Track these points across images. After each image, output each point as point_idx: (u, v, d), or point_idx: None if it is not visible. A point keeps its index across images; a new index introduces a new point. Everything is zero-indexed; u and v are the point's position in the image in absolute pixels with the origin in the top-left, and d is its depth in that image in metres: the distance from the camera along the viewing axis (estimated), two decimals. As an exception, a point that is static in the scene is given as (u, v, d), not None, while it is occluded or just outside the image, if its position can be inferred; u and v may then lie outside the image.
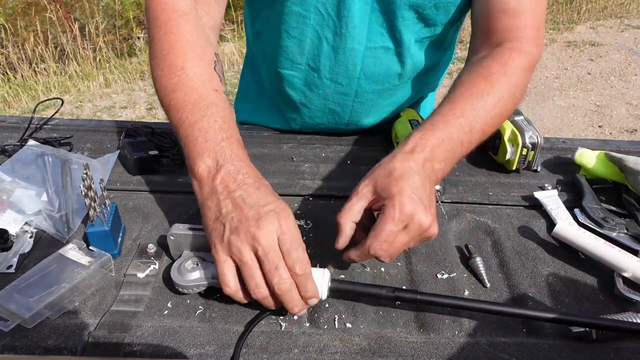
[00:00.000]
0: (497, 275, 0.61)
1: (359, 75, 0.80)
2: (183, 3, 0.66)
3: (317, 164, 0.83)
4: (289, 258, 0.50)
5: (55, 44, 3.87)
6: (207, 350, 0.51)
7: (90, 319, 0.54)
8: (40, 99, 3.25)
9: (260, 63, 0.90)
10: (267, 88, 0.92)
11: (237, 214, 0.51)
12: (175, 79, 0.61)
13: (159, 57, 0.63)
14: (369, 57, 0.78)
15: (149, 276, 0.59)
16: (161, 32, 0.64)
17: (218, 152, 0.55)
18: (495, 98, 0.64)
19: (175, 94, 0.60)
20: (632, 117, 3.13)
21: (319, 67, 0.80)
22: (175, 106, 0.60)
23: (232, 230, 0.50)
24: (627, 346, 0.52)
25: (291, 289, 0.50)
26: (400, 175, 0.55)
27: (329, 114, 0.86)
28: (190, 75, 0.61)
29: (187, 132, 0.58)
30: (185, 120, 0.58)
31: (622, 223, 0.67)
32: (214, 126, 0.57)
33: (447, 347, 0.52)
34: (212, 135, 0.57)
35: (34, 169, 0.74)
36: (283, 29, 0.77)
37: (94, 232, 0.59)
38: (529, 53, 0.70)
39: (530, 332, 0.54)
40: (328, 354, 0.51)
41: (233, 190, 0.53)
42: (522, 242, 0.66)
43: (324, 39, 0.77)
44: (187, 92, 0.60)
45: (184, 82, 0.61)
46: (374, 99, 0.84)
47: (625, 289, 0.57)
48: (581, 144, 0.87)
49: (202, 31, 0.67)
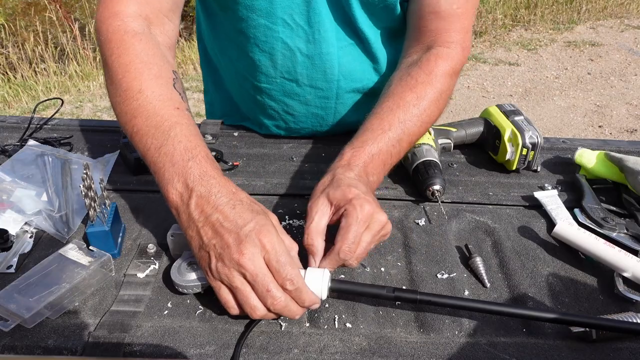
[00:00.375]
0: (497, 275, 0.61)
1: (337, 77, 0.80)
2: (135, 23, 0.64)
3: (317, 164, 0.83)
4: (278, 277, 0.50)
5: (55, 44, 3.87)
6: (207, 350, 0.51)
7: (90, 319, 0.54)
8: (40, 99, 3.25)
9: (230, 80, 0.88)
10: (240, 103, 0.91)
11: (217, 241, 0.50)
12: (135, 104, 0.59)
13: (115, 82, 0.61)
14: (343, 57, 0.78)
15: (149, 276, 0.60)
16: (114, 55, 0.62)
17: (187, 174, 0.54)
18: (421, 108, 0.69)
19: (136, 119, 0.59)
20: (632, 117, 3.13)
21: (296, 77, 0.80)
22: (139, 132, 0.58)
23: (217, 258, 0.50)
24: (627, 346, 0.52)
25: (287, 304, 0.50)
26: (349, 183, 0.59)
27: (312, 118, 0.86)
28: (149, 98, 0.59)
29: (154, 158, 0.57)
30: (151, 146, 0.57)
31: (622, 223, 0.67)
32: (178, 148, 0.56)
33: (447, 347, 0.52)
34: (178, 157, 0.55)
35: (34, 169, 0.74)
36: (252, 42, 0.76)
37: (94, 232, 0.59)
38: (454, 58, 0.73)
39: (530, 332, 0.54)
40: (328, 354, 0.51)
41: (209, 215, 0.52)
42: (522, 242, 0.66)
43: (297, 50, 0.76)
44: (148, 115, 0.58)
45: (143, 105, 0.59)
46: (355, 97, 0.84)
47: (625, 289, 0.57)
48: (581, 144, 0.87)
49: (157, 49, 0.64)
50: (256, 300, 0.50)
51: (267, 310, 0.51)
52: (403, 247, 0.66)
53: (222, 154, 0.82)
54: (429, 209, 0.72)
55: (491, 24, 4.53)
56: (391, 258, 0.64)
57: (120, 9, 0.64)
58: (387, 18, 0.77)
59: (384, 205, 0.73)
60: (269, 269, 0.50)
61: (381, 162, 0.65)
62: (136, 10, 0.65)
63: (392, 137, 0.66)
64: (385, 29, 0.80)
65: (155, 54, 0.63)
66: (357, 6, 0.74)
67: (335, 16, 0.75)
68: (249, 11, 0.72)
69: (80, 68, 3.69)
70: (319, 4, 0.72)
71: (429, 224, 0.70)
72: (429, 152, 0.76)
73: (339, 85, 0.81)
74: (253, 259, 0.49)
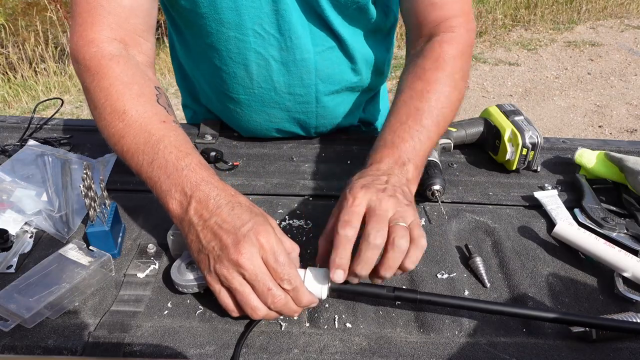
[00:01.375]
0: (497, 275, 0.61)
1: (315, 81, 0.79)
2: (111, 47, 0.65)
3: (317, 164, 0.83)
4: (276, 276, 0.50)
5: (55, 44, 3.87)
6: (207, 350, 0.51)
7: (90, 319, 0.54)
8: (40, 99, 3.25)
9: (208, 96, 0.87)
10: (221, 117, 0.91)
11: (216, 243, 0.51)
12: (121, 125, 0.60)
13: (98, 107, 0.62)
14: (321, 61, 0.77)
15: (149, 276, 0.60)
16: (95, 80, 0.62)
17: (183, 183, 0.55)
18: (436, 94, 0.67)
19: (124, 139, 0.59)
20: (632, 117, 3.13)
21: (273, 86, 0.78)
22: (129, 151, 0.59)
23: (216, 260, 0.50)
24: (627, 346, 0.52)
25: (287, 302, 0.51)
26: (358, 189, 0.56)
27: (295, 123, 0.85)
28: (134, 117, 0.60)
29: (148, 173, 0.57)
30: (143, 163, 0.57)
31: (622, 223, 0.67)
32: (170, 159, 0.56)
33: (447, 347, 0.52)
34: (171, 169, 0.56)
35: (34, 169, 0.74)
36: (225, 55, 0.75)
37: (94, 232, 0.59)
38: (460, 40, 0.72)
39: (530, 332, 0.54)
40: (328, 354, 0.51)
41: (208, 219, 0.52)
42: (522, 242, 0.66)
43: (271, 59, 0.75)
44: (135, 134, 0.59)
45: (129, 124, 0.59)
46: (335, 99, 0.84)
47: (625, 289, 0.57)
48: (581, 144, 0.87)
49: (137, 69, 0.65)
50: (256, 300, 0.50)
51: (267, 309, 0.51)
52: (403, 247, 0.65)
53: (222, 154, 0.82)
54: (429, 209, 0.72)
55: (491, 24, 4.53)
56: (391, 258, 0.64)
57: (94, 36, 0.64)
58: (361, 18, 0.77)
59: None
60: (267, 268, 0.50)
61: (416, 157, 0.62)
62: (110, 35, 0.65)
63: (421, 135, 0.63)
64: (362, 29, 0.80)
65: (135, 74, 0.64)
66: (330, 10, 0.73)
67: (310, 21, 0.74)
68: (218, 25, 0.72)
69: (80, 68, 3.68)
70: (289, 12, 0.71)
71: (429, 224, 0.70)
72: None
73: (317, 89, 0.80)
74: (252, 259, 0.49)
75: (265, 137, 0.88)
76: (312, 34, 0.75)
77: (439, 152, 0.80)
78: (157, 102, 0.63)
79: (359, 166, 0.82)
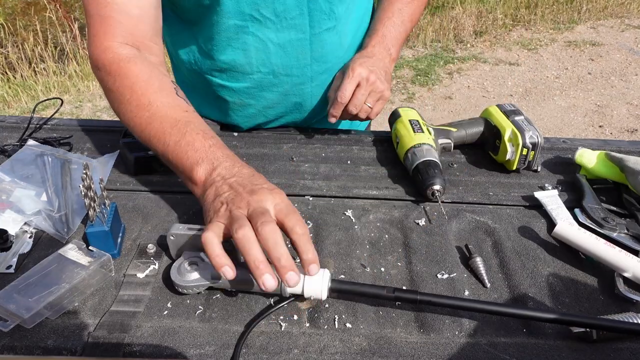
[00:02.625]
0: (497, 276, 0.61)
1: (310, 61, 0.84)
2: (126, 51, 0.69)
3: (317, 164, 0.83)
4: (288, 222, 0.52)
5: (54, 43, 3.87)
6: (206, 351, 0.51)
7: (90, 319, 0.54)
8: (40, 98, 3.24)
9: (204, 92, 0.89)
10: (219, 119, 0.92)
11: (232, 193, 0.55)
12: (147, 114, 0.65)
13: (123, 103, 0.67)
14: (316, 42, 0.82)
15: (148, 276, 0.59)
16: (117, 81, 0.67)
17: (210, 156, 0.60)
18: None
19: (151, 126, 0.64)
20: (633, 117, 3.13)
21: (272, 69, 0.83)
22: (156, 136, 0.64)
23: (229, 203, 0.54)
24: (628, 346, 0.52)
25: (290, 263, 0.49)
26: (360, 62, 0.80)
27: (291, 107, 0.89)
28: (159, 107, 0.65)
29: (175, 151, 0.61)
30: (170, 142, 0.62)
31: (622, 223, 0.67)
32: (198, 138, 0.62)
33: (447, 348, 0.51)
34: (199, 145, 0.61)
35: (33, 169, 0.74)
36: (225, 44, 0.80)
37: (94, 232, 0.59)
38: None
39: (531, 333, 0.54)
40: (328, 354, 0.51)
41: (229, 178, 0.58)
42: (522, 242, 0.66)
43: (268, 41, 0.79)
44: (162, 120, 0.64)
45: (155, 113, 0.64)
46: (327, 78, 0.88)
47: (626, 289, 0.57)
48: (581, 144, 0.87)
49: (153, 67, 0.70)
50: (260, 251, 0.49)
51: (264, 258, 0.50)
52: (403, 247, 0.66)
53: (222, 153, 0.82)
54: (429, 209, 0.72)
55: (491, 24, 4.53)
56: (391, 258, 0.64)
57: (109, 44, 0.69)
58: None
59: (384, 206, 0.73)
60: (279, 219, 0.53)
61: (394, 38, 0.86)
62: (122, 41, 0.70)
63: (396, 21, 0.87)
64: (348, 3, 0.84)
65: (152, 71, 0.69)
66: None
67: (309, 4, 0.78)
68: (219, 16, 0.76)
69: (80, 68, 3.68)
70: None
71: (429, 224, 0.70)
72: (429, 152, 0.76)
73: (312, 69, 0.84)
74: (262, 202, 0.53)
75: (259, 125, 0.92)
76: (312, 17, 0.79)
77: (439, 152, 0.80)
78: (177, 95, 0.68)
79: (359, 166, 0.82)
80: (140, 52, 0.71)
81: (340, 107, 0.79)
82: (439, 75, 3.73)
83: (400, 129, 0.82)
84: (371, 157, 0.85)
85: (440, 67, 3.85)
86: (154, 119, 0.64)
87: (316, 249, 0.63)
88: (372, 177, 0.79)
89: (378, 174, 0.80)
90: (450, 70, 3.82)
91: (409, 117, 0.84)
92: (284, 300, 0.55)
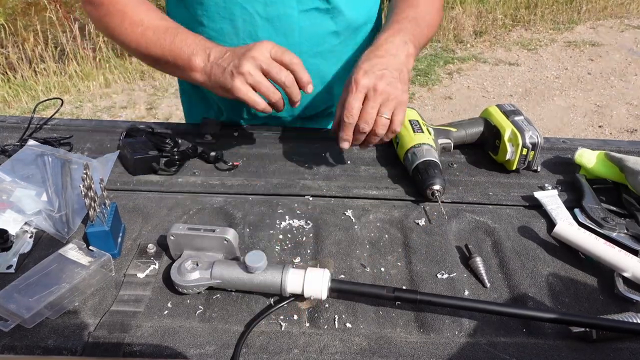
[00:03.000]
0: (497, 275, 0.61)
1: (298, 39, 0.84)
2: None
3: (317, 164, 0.83)
4: (283, 59, 0.66)
5: (55, 44, 3.86)
6: (207, 351, 0.51)
7: (90, 319, 0.54)
8: (40, 99, 3.24)
9: None
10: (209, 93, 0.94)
11: (229, 54, 0.67)
12: (140, 29, 0.74)
13: (116, 27, 0.76)
14: (304, 20, 0.82)
15: (149, 276, 0.59)
16: (109, 8, 0.76)
17: (204, 46, 0.70)
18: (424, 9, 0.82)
19: (146, 36, 0.74)
20: (632, 117, 3.13)
21: None
22: (151, 41, 0.73)
23: (235, 64, 0.65)
24: (628, 346, 0.52)
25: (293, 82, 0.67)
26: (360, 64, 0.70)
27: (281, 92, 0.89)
28: (151, 21, 0.75)
29: (171, 47, 0.71)
30: (164, 43, 0.72)
31: (622, 223, 0.67)
32: (189, 35, 0.72)
33: (447, 347, 0.52)
34: (192, 40, 0.71)
35: (33, 169, 0.74)
36: (213, 11, 0.82)
37: (94, 232, 0.59)
38: None
39: (531, 332, 0.54)
40: (328, 354, 0.51)
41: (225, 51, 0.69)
42: (522, 242, 0.66)
43: (255, 14, 0.81)
44: (155, 29, 0.74)
45: (148, 26, 0.74)
46: (316, 63, 0.86)
47: (626, 289, 0.57)
48: (581, 144, 0.87)
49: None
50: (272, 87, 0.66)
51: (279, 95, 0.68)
52: (403, 247, 0.66)
53: (222, 154, 0.82)
54: (429, 209, 0.72)
55: (491, 24, 4.53)
56: (391, 258, 0.64)
57: None
58: None
59: (384, 206, 0.73)
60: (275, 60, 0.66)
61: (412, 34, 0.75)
62: None
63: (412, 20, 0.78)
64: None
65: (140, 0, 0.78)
66: None
67: None
68: None
69: (80, 68, 3.68)
70: None
71: (429, 224, 0.70)
72: (429, 152, 0.76)
73: (301, 49, 0.83)
74: (264, 52, 0.66)
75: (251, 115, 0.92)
76: None
77: (439, 152, 0.80)
78: (166, 15, 0.77)
79: (359, 166, 0.82)
80: None
81: (350, 128, 0.68)
82: (439, 75, 3.73)
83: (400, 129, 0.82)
84: (371, 157, 0.85)
85: (440, 67, 3.85)
86: (147, 30, 0.73)
87: (316, 249, 0.64)
88: (372, 177, 0.79)
89: (378, 174, 0.80)
90: (450, 70, 3.82)
91: (409, 117, 0.84)
92: (284, 300, 0.56)
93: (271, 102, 0.68)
